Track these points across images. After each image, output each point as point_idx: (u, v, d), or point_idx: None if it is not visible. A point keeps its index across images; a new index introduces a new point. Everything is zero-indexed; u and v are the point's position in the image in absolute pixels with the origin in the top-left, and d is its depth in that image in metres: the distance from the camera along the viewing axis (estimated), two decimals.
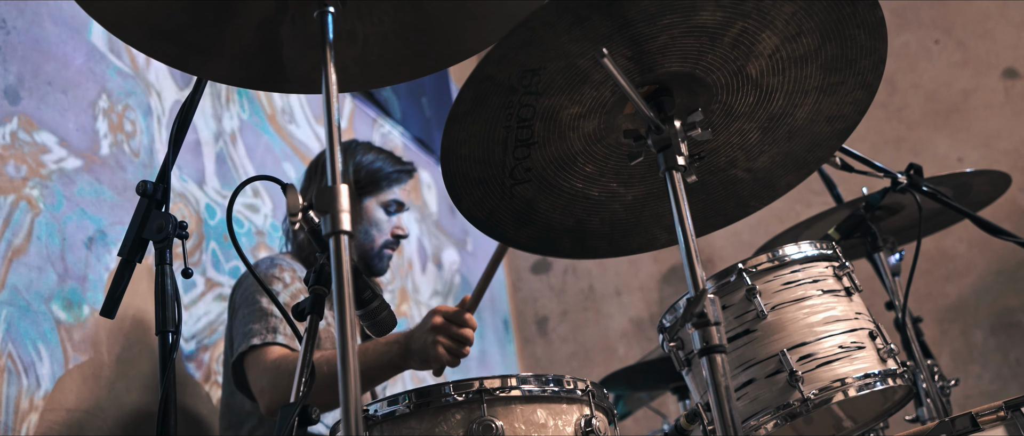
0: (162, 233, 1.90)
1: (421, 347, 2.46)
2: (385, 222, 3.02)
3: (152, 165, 3.05)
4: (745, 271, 2.19)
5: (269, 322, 2.60)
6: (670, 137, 1.65)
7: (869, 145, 3.37)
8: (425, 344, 2.45)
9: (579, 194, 1.95)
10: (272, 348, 2.57)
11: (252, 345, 2.57)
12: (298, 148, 3.91)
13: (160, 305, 1.88)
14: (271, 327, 2.59)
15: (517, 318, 5.55)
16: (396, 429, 1.74)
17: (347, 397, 1.31)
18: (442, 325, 2.46)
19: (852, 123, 1.90)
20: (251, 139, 3.63)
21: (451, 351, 2.45)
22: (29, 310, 2.51)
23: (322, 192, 1.40)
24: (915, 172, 2.52)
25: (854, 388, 2.09)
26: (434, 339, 2.44)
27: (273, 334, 2.58)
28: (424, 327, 2.48)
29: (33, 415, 2.47)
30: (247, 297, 2.70)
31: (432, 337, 2.44)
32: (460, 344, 2.47)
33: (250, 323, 2.62)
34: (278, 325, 2.60)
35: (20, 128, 2.59)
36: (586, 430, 1.78)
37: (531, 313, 5.56)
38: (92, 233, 2.77)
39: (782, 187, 2.02)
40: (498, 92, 1.68)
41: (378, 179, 3.00)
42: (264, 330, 2.58)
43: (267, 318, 2.61)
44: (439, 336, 2.44)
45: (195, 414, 3.03)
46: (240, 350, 2.60)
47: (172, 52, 1.68)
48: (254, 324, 2.61)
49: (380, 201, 3.01)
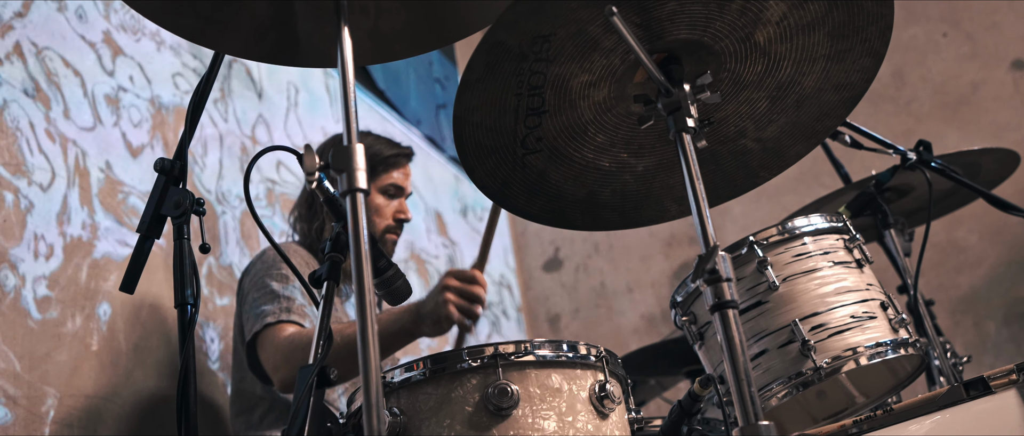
0: (180, 209, 1.93)
1: (432, 309, 2.50)
2: (385, 207, 3.02)
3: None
4: (756, 243, 2.20)
5: (281, 302, 2.63)
6: (680, 100, 1.67)
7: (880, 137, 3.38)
8: (436, 305, 2.49)
9: (590, 165, 1.97)
10: (284, 326, 2.59)
11: (266, 324, 2.60)
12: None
13: (178, 279, 1.91)
14: (283, 307, 2.62)
15: (529, 316, 5.56)
16: (413, 395, 1.76)
17: (367, 360, 1.32)
18: (451, 284, 2.50)
19: (859, 92, 1.92)
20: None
21: (462, 310, 2.50)
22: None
23: (338, 151, 1.43)
24: (924, 149, 2.54)
25: (866, 356, 2.11)
26: (444, 298, 2.48)
27: (287, 313, 2.60)
28: (435, 289, 2.53)
29: (52, 400, 2.50)
30: (256, 281, 2.72)
31: (442, 297, 2.49)
32: (471, 302, 2.51)
33: (262, 305, 2.65)
34: (290, 305, 2.62)
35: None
36: (601, 394, 1.79)
37: (543, 311, 5.57)
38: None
39: (791, 157, 2.04)
40: (509, 59, 1.70)
41: (374, 163, 3.01)
42: (277, 310, 2.61)
43: (278, 299, 2.64)
44: (449, 294, 2.49)
45: (211, 402, 3.05)
46: (254, 330, 2.62)
47: (189, 25, 1.71)
48: (266, 305, 2.63)
49: (378, 186, 3.02)
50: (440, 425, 1.72)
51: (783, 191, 4.74)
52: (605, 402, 1.79)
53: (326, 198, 1.76)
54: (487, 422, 1.71)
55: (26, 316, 2.48)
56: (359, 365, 1.32)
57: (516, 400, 1.72)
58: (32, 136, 2.64)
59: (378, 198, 3.03)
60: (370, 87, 4.55)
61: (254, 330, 2.63)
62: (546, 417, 1.73)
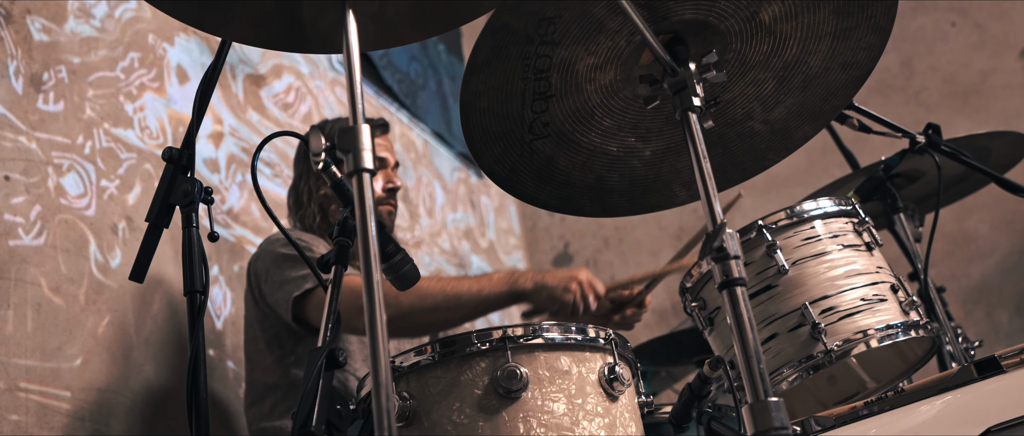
0: (188, 197, 1.94)
1: (557, 283, 2.72)
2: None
3: None
4: (765, 227, 2.20)
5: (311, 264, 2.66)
6: (685, 79, 1.66)
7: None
8: (561, 281, 2.72)
9: (598, 149, 1.97)
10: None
11: (307, 289, 2.66)
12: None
13: (188, 267, 1.91)
14: (310, 277, 2.65)
15: None
16: (422, 379, 1.76)
17: (375, 344, 1.32)
18: (585, 279, 2.76)
19: (866, 70, 1.91)
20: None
21: (580, 297, 2.72)
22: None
23: (343, 132, 1.43)
24: (933, 132, 2.52)
25: (876, 339, 2.10)
26: (570, 284, 2.72)
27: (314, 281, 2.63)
28: (566, 273, 2.75)
29: (66, 393, 2.51)
30: (272, 258, 2.74)
31: (571, 284, 2.72)
32: (586, 299, 2.74)
33: (289, 272, 2.69)
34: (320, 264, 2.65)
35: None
36: (610, 377, 1.79)
37: None
38: None
39: (799, 138, 2.03)
40: (515, 42, 1.70)
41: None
42: (310, 278, 2.65)
43: (304, 267, 2.66)
44: (574, 285, 2.73)
45: (222, 396, 3.06)
46: (295, 294, 2.66)
47: (191, 12, 1.71)
48: (297, 272, 2.67)
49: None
50: (450, 408, 1.72)
51: (792, 182, 4.73)
52: (614, 384, 1.79)
53: (333, 182, 1.76)
54: (497, 404, 1.71)
55: (39, 310, 2.49)
56: (369, 350, 1.33)
57: (525, 382, 1.72)
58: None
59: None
60: (376, 82, 4.55)
61: (295, 294, 2.67)
62: (556, 399, 1.73)
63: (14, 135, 2.58)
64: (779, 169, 5.05)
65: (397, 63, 4.69)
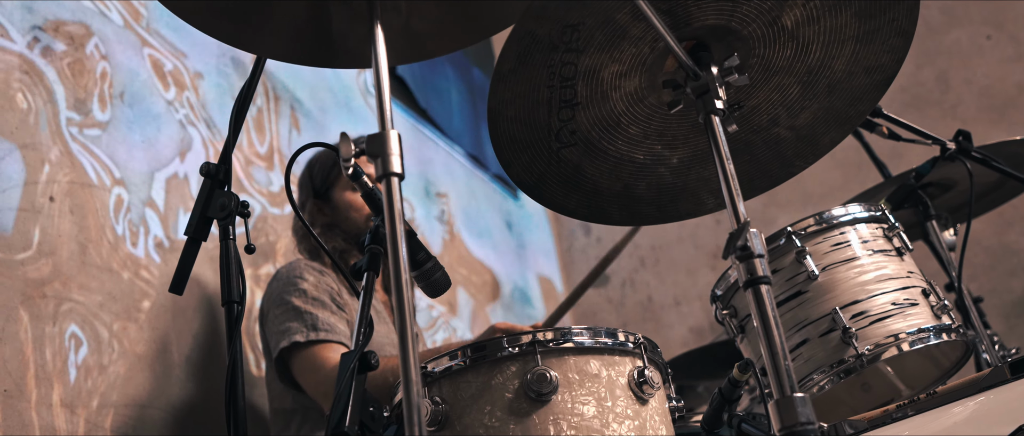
0: (225, 211, 1.99)
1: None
2: (356, 199, 3.03)
3: None
4: (794, 234, 2.21)
5: (305, 319, 2.69)
6: (708, 83, 1.69)
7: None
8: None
9: (625, 157, 2.00)
10: (324, 347, 2.65)
11: (295, 343, 2.67)
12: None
13: (225, 278, 1.96)
14: (309, 323, 2.68)
15: None
16: (454, 384, 1.79)
17: (405, 350, 1.35)
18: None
19: (891, 74, 1.92)
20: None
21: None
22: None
23: (372, 138, 1.47)
24: (964, 138, 2.52)
25: (908, 343, 2.10)
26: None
27: (315, 331, 2.66)
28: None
29: (109, 410, 2.56)
30: (275, 299, 2.78)
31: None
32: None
33: (285, 322, 2.71)
34: (316, 322, 2.68)
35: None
36: (640, 380, 1.81)
37: None
38: None
39: (825, 145, 2.04)
40: (540, 50, 1.74)
41: (330, 164, 3.07)
42: (302, 326, 2.67)
43: (302, 315, 2.70)
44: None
45: (261, 410, 3.10)
46: (282, 346, 2.69)
47: (226, 29, 1.77)
48: (290, 322, 2.70)
49: (344, 184, 3.05)
50: (481, 412, 1.75)
51: (828, 199, 4.72)
52: (644, 387, 1.80)
53: (364, 192, 1.80)
54: (527, 407, 1.73)
55: (83, 326, 2.55)
56: (399, 355, 1.35)
57: (555, 386, 1.74)
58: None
59: (345, 196, 3.04)
60: (411, 106, 4.61)
61: (281, 345, 2.70)
62: (585, 402, 1.75)
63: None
64: (814, 185, 5.08)
65: (431, 85, 4.76)
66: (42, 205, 2.54)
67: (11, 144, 2.51)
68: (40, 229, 2.52)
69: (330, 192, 3.07)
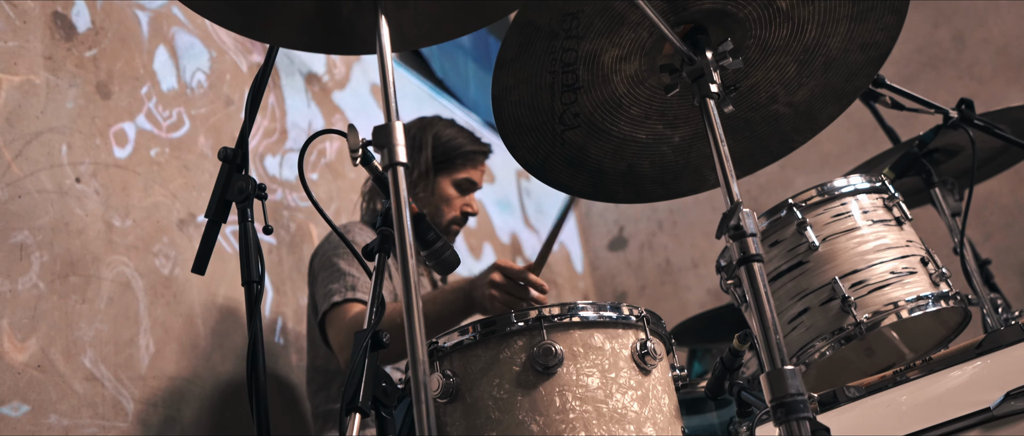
0: (243, 194, 2.07)
1: (481, 298, 2.61)
2: (455, 199, 3.13)
3: None
4: (795, 205, 2.27)
5: (347, 280, 2.76)
6: (702, 67, 1.74)
7: (940, 103, 3.37)
8: (484, 297, 2.60)
9: (628, 137, 2.06)
10: (351, 305, 2.72)
11: (333, 303, 2.74)
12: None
13: (245, 260, 2.04)
14: (349, 285, 2.75)
15: (596, 295, 5.65)
16: (464, 358, 1.88)
17: (412, 329, 1.43)
18: (500, 282, 2.60)
19: (885, 50, 1.97)
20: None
21: (510, 305, 2.57)
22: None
23: (378, 129, 1.54)
24: (966, 107, 2.56)
25: (906, 310, 2.16)
26: (491, 294, 2.59)
27: (352, 291, 2.74)
28: (483, 280, 2.62)
29: (139, 380, 2.67)
30: (325, 261, 2.86)
31: (490, 291, 2.59)
32: (518, 299, 2.59)
33: (330, 284, 2.78)
34: (356, 282, 2.75)
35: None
36: (642, 352, 1.88)
37: (610, 290, 5.66)
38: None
39: (823, 119, 2.10)
40: (541, 37, 1.80)
41: (452, 157, 3.12)
42: (343, 288, 2.74)
43: (345, 277, 2.77)
44: (494, 291, 2.59)
45: (286, 380, 3.21)
46: (323, 309, 2.76)
47: (237, 20, 1.84)
48: (333, 284, 2.77)
49: (453, 179, 3.13)
50: (490, 384, 1.83)
51: (844, 160, 4.77)
52: (647, 359, 1.88)
53: (375, 176, 1.87)
54: (534, 380, 1.82)
55: (110, 303, 2.66)
56: (405, 333, 1.43)
57: (560, 359, 1.82)
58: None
59: (450, 189, 3.13)
60: (428, 76, 4.67)
61: (323, 309, 2.77)
62: (590, 374, 1.83)
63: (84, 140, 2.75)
64: (832, 146, 5.11)
65: (448, 55, 4.81)
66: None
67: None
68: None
69: (438, 174, 3.12)
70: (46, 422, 2.38)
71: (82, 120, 2.76)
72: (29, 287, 2.45)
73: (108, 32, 2.96)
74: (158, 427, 2.68)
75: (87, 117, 2.79)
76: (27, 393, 2.35)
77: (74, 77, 2.78)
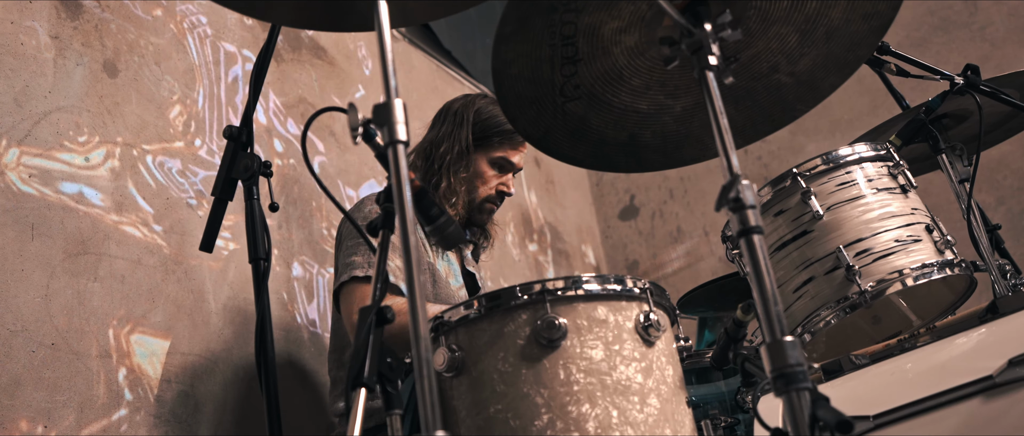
0: (248, 171, 2.09)
1: None
2: (491, 176, 3.08)
3: None
4: (799, 174, 2.28)
5: (370, 256, 2.74)
6: (701, 39, 1.74)
7: (953, 66, 3.35)
8: None
9: (629, 108, 2.06)
10: (367, 286, 2.71)
11: (354, 276, 2.72)
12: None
13: (251, 237, 2.07)
14: (370, 260, 2.73)
15: (608, 264, 5.66)
16: (470, 332, 1.89)
17: (414, 307, 1.44)
18: None
19: (887, 20, 1.95)
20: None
21: None
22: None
23: (377, 108, 1.54)
24: (972, 72, 2.55)
25: (911, 278, 2.17)
26: None
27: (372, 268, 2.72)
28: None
29: (152, 356, 2.70)
30: (351, 230, 2.84)
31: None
32: None
33: (352, 255, 2.76)
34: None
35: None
36: (646, 324, 1.90)
37: (621, 258, 5.67)
38: None
39: (826, 88, 2.08)
40: (539, 11, 1.80)
41: (489, 134, 3.08)
42: (366, 263, 2.73)
43: (369, 252, 2.75)
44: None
45: (298, 357, 3.24)
46: (341, 279, 2.75)
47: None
48: (356, 256, 2.75)
49: (489, 157, 3.07)
50: (495, 358, 1.85)
51: (856, 125, 4.74)
52: (650, 331, 1.89)
53: (377, 153, 1.88)
54: (538, 353, 1.83)
55: (123, 281, 2.68)
56: (408, 313, 1.45)
57: (564, 332, 1.83)
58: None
59: (485, 167, 3.08)
60: (436, 47, 4.67)
61: (341, 279, 2.75)
62: (593, 346, 1.85)
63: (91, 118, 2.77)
64: (843, 111, 5.09)
65: (454, 26, 4.80)
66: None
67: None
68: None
69: (476, 151, 3.07)
70: (61, 398, 2.41)
71: (90, 98, 2.78)
72: (41, 264, 2.48)
73: (114, 9, 2.97)
74: (172, 403, 2.71)
75: (95, 95, 2.80)
76: (41, 370, 2.38)
77: (81, 55, 2.80)
